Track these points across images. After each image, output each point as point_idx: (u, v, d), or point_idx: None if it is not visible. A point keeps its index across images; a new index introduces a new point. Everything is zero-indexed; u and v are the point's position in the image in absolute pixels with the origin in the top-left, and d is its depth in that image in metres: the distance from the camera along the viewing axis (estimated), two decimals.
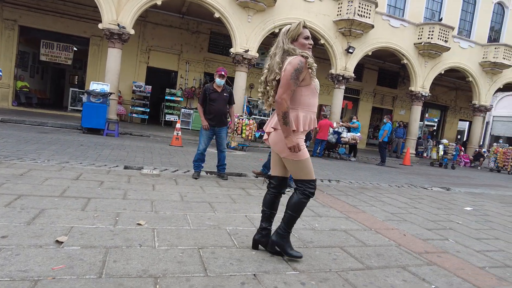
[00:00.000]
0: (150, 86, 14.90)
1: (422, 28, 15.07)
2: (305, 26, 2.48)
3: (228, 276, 2.18)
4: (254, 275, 2.24)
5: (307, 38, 2.46)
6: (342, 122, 13.94)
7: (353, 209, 4.42)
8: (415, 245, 3.30)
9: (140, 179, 4.60)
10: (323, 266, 2.52)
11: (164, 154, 7.88)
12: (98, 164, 5.39)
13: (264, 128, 2.66)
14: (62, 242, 2.34)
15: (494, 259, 3.18)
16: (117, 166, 5.37)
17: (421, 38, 15.10)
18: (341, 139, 12.27)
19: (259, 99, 2.68)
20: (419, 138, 17.94)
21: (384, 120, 13.03)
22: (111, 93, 10.45)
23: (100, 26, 10.95)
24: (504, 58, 16.34)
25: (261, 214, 2.71)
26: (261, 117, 16.06)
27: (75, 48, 15.02)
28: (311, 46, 2.48)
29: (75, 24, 13.90)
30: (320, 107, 17.47)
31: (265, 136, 2.60)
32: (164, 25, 15.15)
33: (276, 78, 2.42)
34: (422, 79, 15.75)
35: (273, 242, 2.56)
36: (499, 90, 19.22)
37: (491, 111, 24.72)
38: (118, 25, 10.74)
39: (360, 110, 19.38)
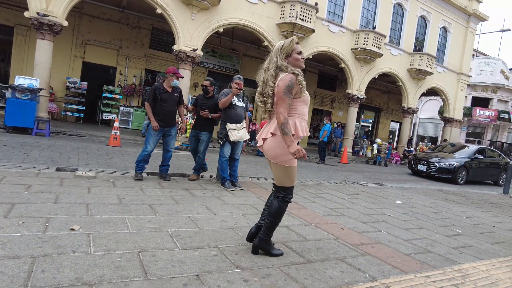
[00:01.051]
0: (86, 83, 13.94)
1: (358, 35, 16.09)
2: (297, 42, 2.68)
3: (169, 279, 2.12)
4: (197, 275, 2.21)
5: (299, 53, 2.64)
6: None
7: (295, 205, 4.57)
8: (351, 237, 3.51)
9: (74, 181, 4.28)
10: (266, 262, 2.57)
11: (101, 155, 7.42)
12: (25, 166, 4.90)
13: (257, 136, 2.78)
14: None
15: (419, 246, 3.51)
16: (48, 168, 4.93)
17: (357, 44, 16.11)
18: None
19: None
20: (355, 137, 19.15)
21: (324, 121, 13.66)
22: (40, 89, 9.57)
23: (26, 14, 9.96)
24: (427, 66, 18.13)
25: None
26: None
27: None
28: (303, 60, 2.69)
29: None
30: None
31: (260, 143, 2.70)
32: (102, 19, 14.28)
33: (270, 91, 2.59)
34: (358, 83, 16.81)
35: (256, 246, 2.71)
36: (424, 94, 21.27)
37: (418, 113, 27.26)
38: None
39: None
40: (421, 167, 12.26)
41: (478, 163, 12.22)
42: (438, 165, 11.68)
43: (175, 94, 5.25)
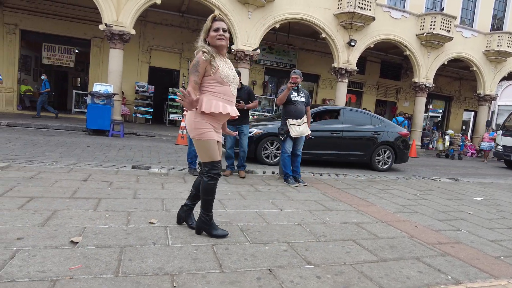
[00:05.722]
0: (153, 86, 14.91)
1: (424, 19, 14.93)
2: (217, 19, 2.63)
3: (243, 272, 2.17)
4: (269, 270, 2.24)
5: (216, 30, 2.60)
6: None
7: (363, 202, 4.40)
8: (427, 236, 3.28)
9: (149, 178, 4.61)
10: (337, 260, 2.51)
11: (171, 153, 7.89)
12: (106, 164, 5.40)
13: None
14: (76, 243, 2.35)
15: (509, 248, 3.16)
16: (124, 166, 5.38)
17: (423, 29, 14.97)
18: None
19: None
20: (424, 129, 17.86)
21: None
22: (114, 94, 10.47)
23: (100, 27, 10.96)
24: (508, 46, 16.18)
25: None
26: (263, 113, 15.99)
27: (76, 51, 15.03)
28: (221, 37, 2.60)
29: (75, 26, 13.91)
30: (324, 101, 17.42)
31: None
32: (164, 24, 15.13)
33: None
34: (426, 70, 15.63)
35: (198, 227, 2.75)
36: (504, 78, 19.07)
37: (496, 100, 24.49)
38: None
39: (363, 103, 19.29)
40: None
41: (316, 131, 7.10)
42: None
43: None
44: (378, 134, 8.22)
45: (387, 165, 8.37)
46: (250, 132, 7.05)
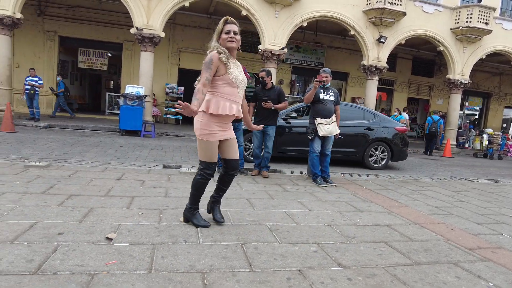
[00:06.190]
0: (183, 87, 15.22)
1: (459, 12, 14.27)
2: (229, 22, 2.74)
3: (273, 272, 2.17)
4: (299, 270, 2.22)
5: (227, 32, 2.71)
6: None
7: (395, 203, 4.27)
8: (465, 240, 3.13)
9: (180, 177, 4.70)
10: (369, 262, 2.45)
11: None
12: (138, 164, 5.58)
13: None
14: (112, 239, 2.44)
15: None
16: (156, 165, 5.52)
17: (458, 23, 14.30)
18: None
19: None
20: (459, 128, 17.07)
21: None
22: (146, 96, 10.79)
23: (132, 31, 11.33)
24: None
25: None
26: None
27: (109, 54, 15.63)
28: (232, 39, 2.71)
29: (108, 31, 14.48)
30: (353, 100, 17.06)
31: None
32: (192, 27, 15.40)
33: None
34: (461, 66, 14.93)
35: (184, 213, 2.95)
36: None
37: None
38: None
39: (395, 101, 18.72)
40: None
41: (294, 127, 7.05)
42: None
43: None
44: (371, 130, 7.69)
45: (381, 163, 7.84)
46: None
